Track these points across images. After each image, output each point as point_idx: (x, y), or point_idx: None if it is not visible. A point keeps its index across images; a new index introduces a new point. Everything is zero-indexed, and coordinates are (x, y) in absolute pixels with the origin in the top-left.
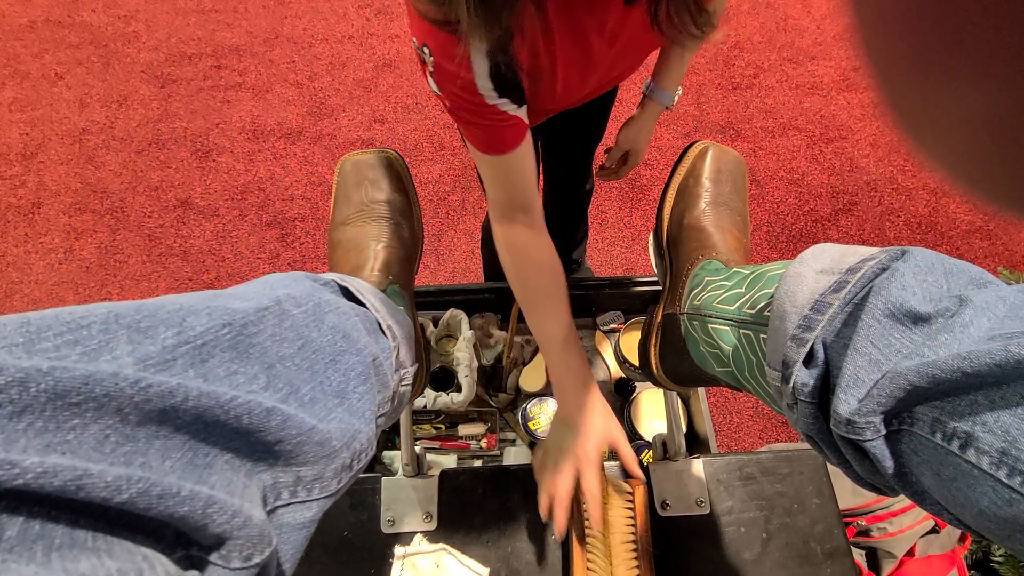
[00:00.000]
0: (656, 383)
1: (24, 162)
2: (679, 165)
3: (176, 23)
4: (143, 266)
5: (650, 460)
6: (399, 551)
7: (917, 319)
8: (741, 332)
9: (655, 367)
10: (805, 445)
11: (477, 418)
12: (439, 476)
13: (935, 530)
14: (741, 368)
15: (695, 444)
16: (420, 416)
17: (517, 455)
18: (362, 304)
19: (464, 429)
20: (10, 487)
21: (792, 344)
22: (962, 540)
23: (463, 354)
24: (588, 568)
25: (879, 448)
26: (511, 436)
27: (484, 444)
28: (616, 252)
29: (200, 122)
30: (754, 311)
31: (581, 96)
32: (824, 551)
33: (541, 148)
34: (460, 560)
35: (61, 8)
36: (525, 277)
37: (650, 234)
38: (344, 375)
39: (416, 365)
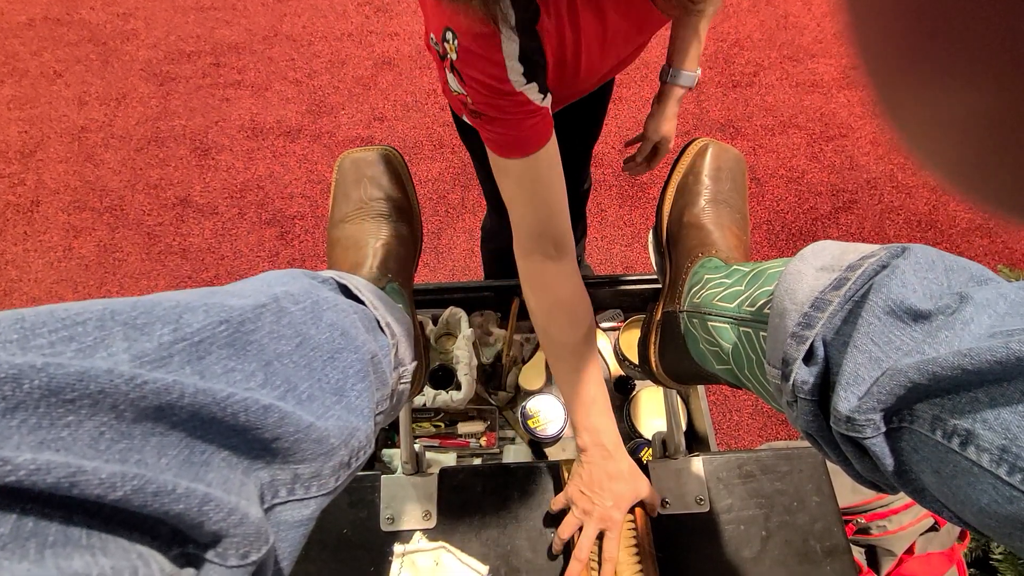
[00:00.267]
0: (656, 381)
1: (23, 160)
2: (679, 163)
3: (175, 21)
4: (142, 264)
5: (650, 458)
6: (398, 549)
7: (917, 316)
8: (741, 330)
9: (655, 365)
10: (805, 443)
11: (477, 416)
12: (438, 474)
13: (935, 528)
14: (741, 366)
15: (695, 442)
16: (419, 414)
17: (517, 453)
18: (360, 302)
19: (463, 427)
20: (3, 484)
21: (792, 342)
22: (961, 538)
23: (462, 352)
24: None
25: (879, 446)
26: (511, 434)
27: (484, 442)
28: (616, 250)
29: (199, 120)
30: (754, 309)
31: (598, 78)
32: (824, 549)
33: None
34: (459, 558)
35: (60, 6)
36: (556, 328)
37: (650, 232)
38: (342, 372)
39: (415, 363)
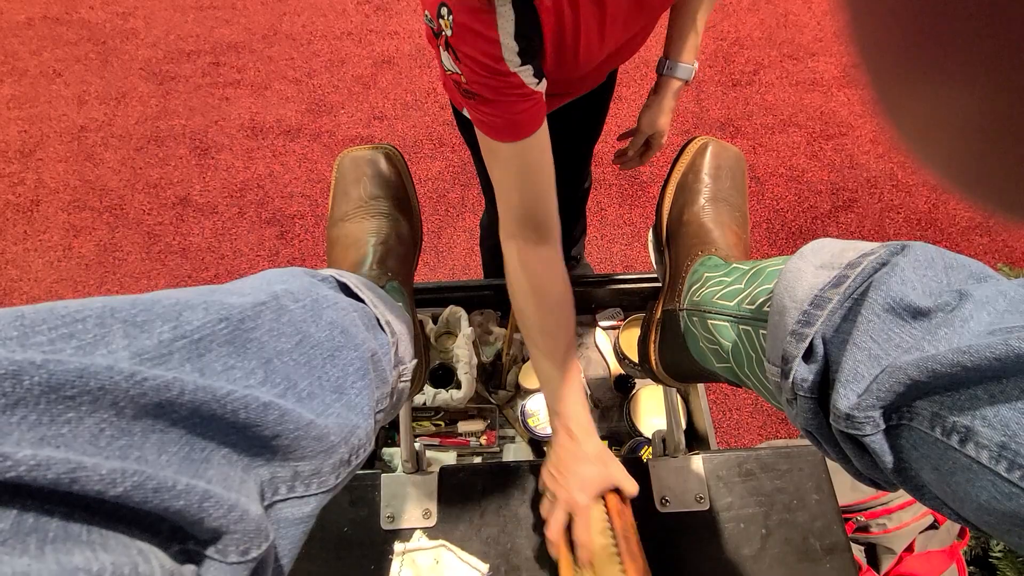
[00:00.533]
0: (656, 379)
1: (23, 160)
2: (679, 161)
3: (174, 20)
4: (142, 264)
5: (649, 457)
6: (399, 547)
7: (917, 314)
8: (740, 328)
9: (655, 363)
10: (804, 442)
11: (477, 415)
12: (438, 473)
13: (934, 526)
14: (740, 364)
15: (695, 441)
16: (419, 413)
17: (517, 452)
18: (360, 300)
19: (463, 426)
20: (3, 480)
21: (791, 339)
22: (961, 536)
23: (462, 351)
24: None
25: (878, 443)
26: (511, 433)
27: (484, 441)
28: (616, 249)
29: (199, 119)
30: (753, 307)
31: (597, 64)
32: (823, 547)
33: None
34: (459, 556)
35: (59, 5)
36: (532, 311)
37: (649, 230)
38: (342, 370)
39: (415, 361)
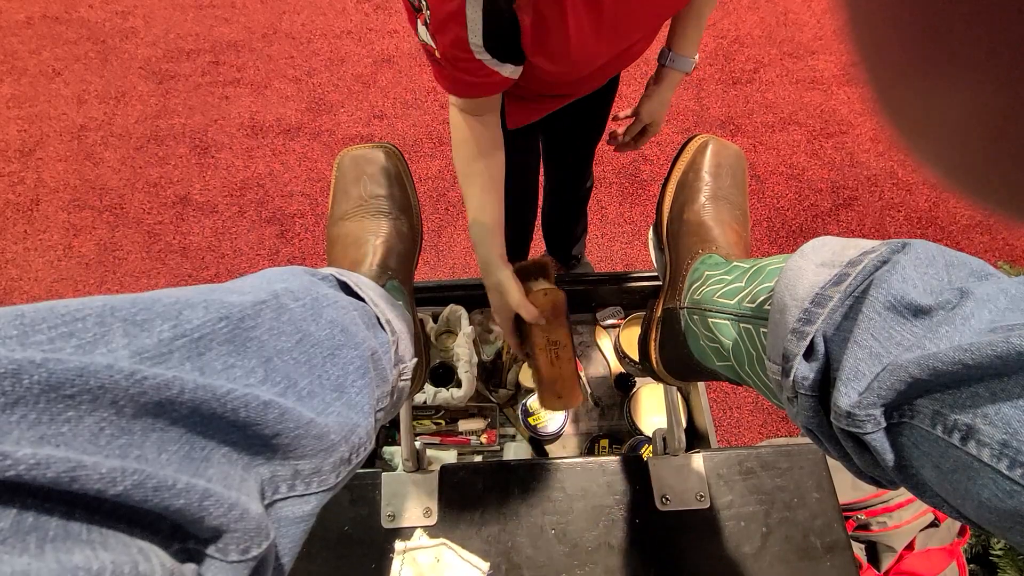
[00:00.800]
0: (656, 378)
1: (22, 159)
2: (679, 159)
3: (174, 19)
4: (142, 263)
5: (650, 455)
6: (399, 546)
7: (918, 311)
8: (741, 326)
9: (655, 362)
10: (805, 440)
11: (477, 414)
12: (439, 471)
13: (935, 524)
14: (741, 362)
15: (695, 439)
16: (420, 412)
17: (517, 450)
18: (361, 299)
19: (464, 425)
20: (3, 479)
21: (792, 337)
22: (961, 534)
23: (463, 350)
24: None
25: (879, 441)
26: (511, 431)
27: (484, 439)
28: (616, 248)
29: (198, 118)
30: (754, 305)
31: (599, 64)
32: (824, 545)
33: (542, 146)
34: (460, 555)
35: (58, 4)
36: (466, 157)
37: (650, 229)
38: (342, 369)
39: (415, 360)
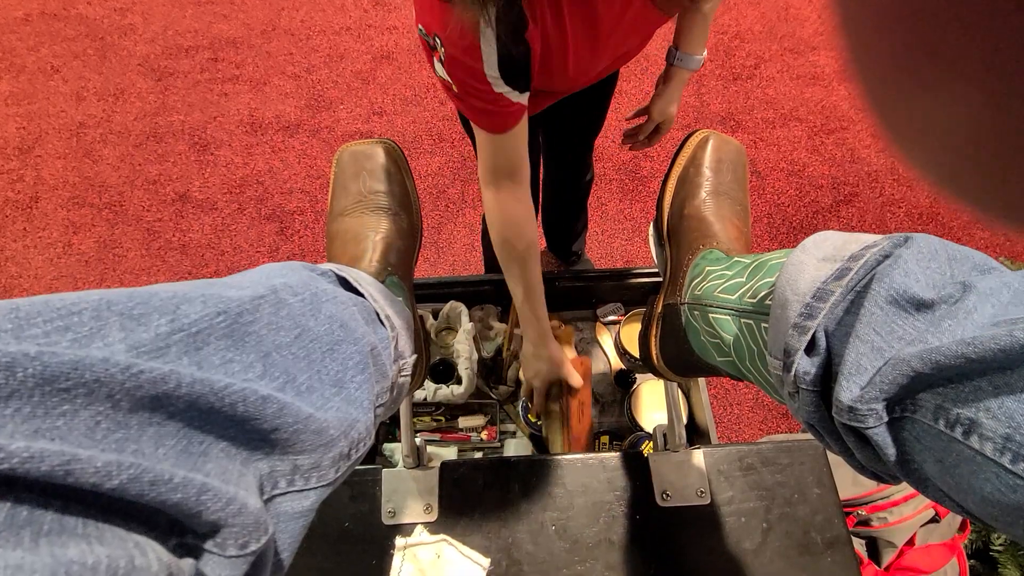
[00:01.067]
0: (657, 374)
1: (21, 156)
2: (679, 154)
3: (172, 15)
4: (142, 260)
5: (650, 451)
6: (400, 542)
7: (920, 305)
8: (742, 321)
9: (656, 357)
10: (805, 436)
11: (477, 410)
12: (439, 468)
13: (935, 519)
14: (742, 357)
15: (695, 435)
16: (420, 408)
17: (518, 447)
18: (360, 294)
19: (464, 421)
20: None
21: (794, 332)
22: (962, 529)
23: (463, 346)
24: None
25: (881, 435)
26: (511, 428)
27: (484, 436)
28: (616, 244)
29: (197, 115)
30: (755, 300)
31: (594, 75)
32: (824, 540)
33: (542, 140)
34: (461, 551)
35: (57, 1)
36: (504, 240)
37: (650, 224)
38: (342, 364)
39: (415, 356)
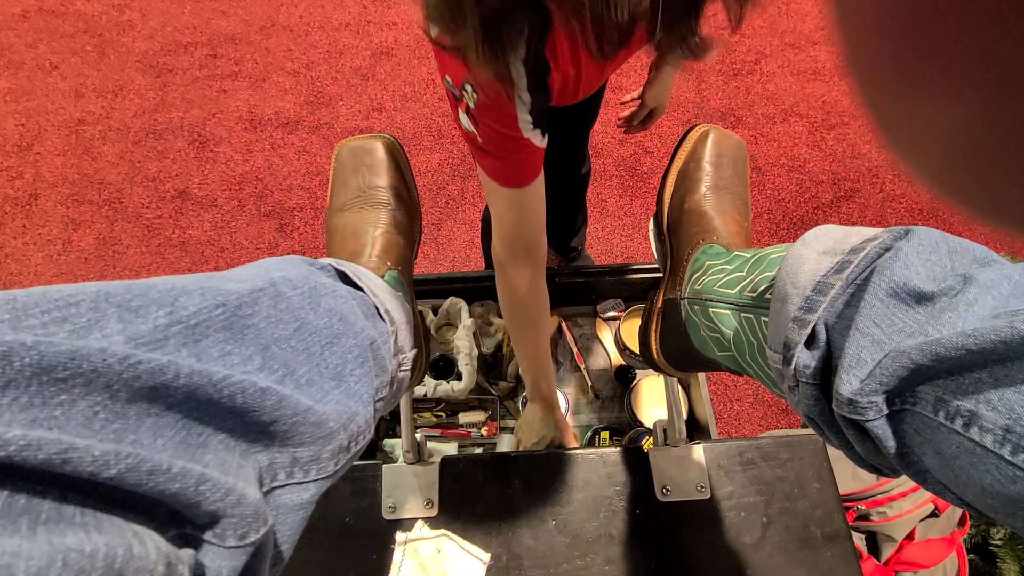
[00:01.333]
0: (657, 369)
1: (20, 153)
2: (679, 149)
3: (171, 11)
4: (142, 257)
5: (651, 446)
6: (400, 537)
7: (920, 298)
8: (742, 316)
9: (655, 352)
10: (805, 431)
11: (477, 406)
12: (440, 463)
13: (935, 514)
14: (742, 352)
15: (695, 430)
16: (420, 404)
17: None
18: (359, 288)
19: (464, 417)
20: None
21: (794, 326)
22: (961, 523)
23: (463, 342)
24: None
25: (881, 428)
26: (511, 424)
27: (485, 432)
28: (616, 240)
29: (197, 112)
30: (755, 294)
31: (595, 88)
32: (824, 535)
33: None
34: (461, 545)
35: None
36: (519, 320)
37: (650, 219)
38: (341, 358)
39: (415, 351)
